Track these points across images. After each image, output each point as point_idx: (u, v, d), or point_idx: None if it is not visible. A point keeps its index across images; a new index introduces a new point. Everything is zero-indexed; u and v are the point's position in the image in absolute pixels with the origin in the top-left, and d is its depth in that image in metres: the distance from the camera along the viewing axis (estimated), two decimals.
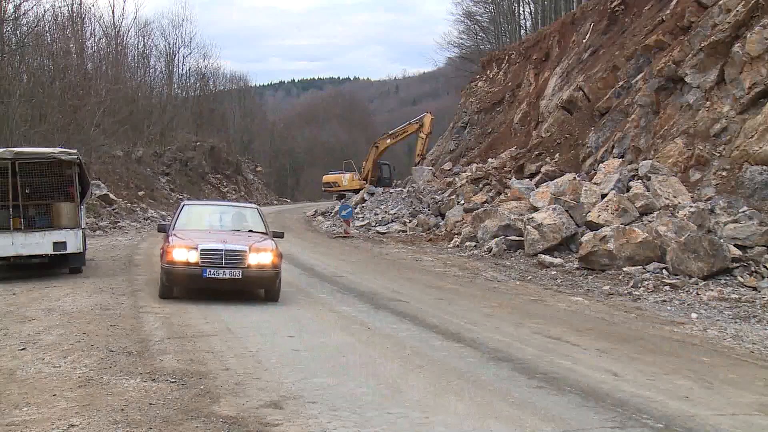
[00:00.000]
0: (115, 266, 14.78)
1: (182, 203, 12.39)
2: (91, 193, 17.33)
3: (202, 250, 9.84)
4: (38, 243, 12.60)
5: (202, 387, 5.94)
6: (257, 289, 10.57)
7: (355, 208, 30.04)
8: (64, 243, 12.72)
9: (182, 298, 10.56)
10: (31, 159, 12.95)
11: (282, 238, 11.78)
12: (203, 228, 11.14)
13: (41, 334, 8.04)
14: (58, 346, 7.42)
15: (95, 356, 6.95)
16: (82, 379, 6.18)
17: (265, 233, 11.28)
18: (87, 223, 19.59)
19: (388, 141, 38.64)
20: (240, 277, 9.84)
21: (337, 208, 30.55)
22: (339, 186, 42.33)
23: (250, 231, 11.25)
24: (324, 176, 46.04)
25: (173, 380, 6.14)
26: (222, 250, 9.87)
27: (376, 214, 28.65)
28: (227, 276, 9.82)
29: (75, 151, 14.06)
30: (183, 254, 9.87)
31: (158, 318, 9.01)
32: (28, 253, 12.61)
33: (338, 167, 46.70)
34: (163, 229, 11.28)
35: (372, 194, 32.87)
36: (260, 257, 10.01)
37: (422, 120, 37.68)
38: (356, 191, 37.13)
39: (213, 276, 9.81)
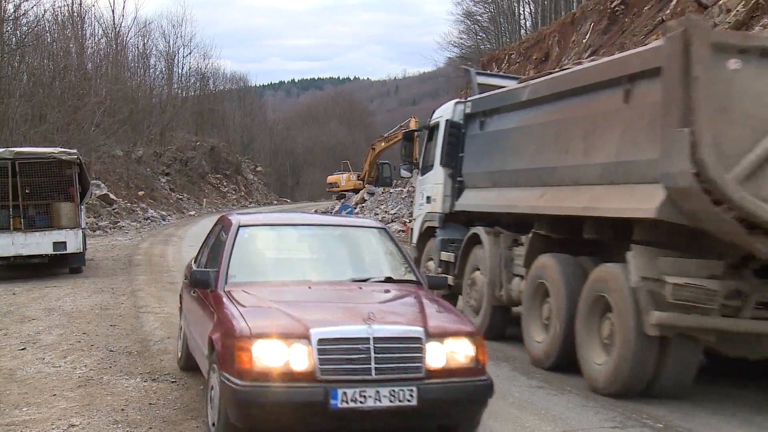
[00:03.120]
0: (115, 266, 14.78)
1: (233, 224, 5.67)
2: (91, 193, 17.32)
3: (320, 340, 4.24)
4: (38, 243, 12.60)
5: (202, 387, 5.93)
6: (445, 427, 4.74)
7: (355, 208, 30.06)
8: (64, 243, 12.73)
9: None
10: (31, 159, 12.96)
11: (446, 288, 7.79)
12: (292, 278, 5.35)
13: (41, 334, 8.04)
14: (58, 346, 7.42)
15: (95, 356, 6.95)
16: (82, 379, 6.18)
17: (418, 282, 5.48)
18: (87, 223, 19.60)
19: (383, 144, 38.85)
20: (414, 403, 4.24)
21: (337, 208, 30.57)
22: (339, 186, 42.62)
23: (387, 279, 5.46)
24: (328, 177, 46.62)
25: (173, 380, 6.14)
26: (368, 340, 4.28)
27: (376, 214, 28.67)
28: (386, 404, 4.21)
29: (75, 151, 14.08)
30: (278, 354, 4.20)
31: (158, 318, 9.01)
32: (28, 253, 12.62)
33: (338, 167, 47.25)
34: (202, 281, 5.20)
35: (372, 194, 32.88)
36: (451, 349, 4.46)
37: (407, 125, 37.96)
38: (355, 191, 37.24)
39: (354, 406, 4.17)
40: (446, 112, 9.50)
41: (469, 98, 9.42)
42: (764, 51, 5.15)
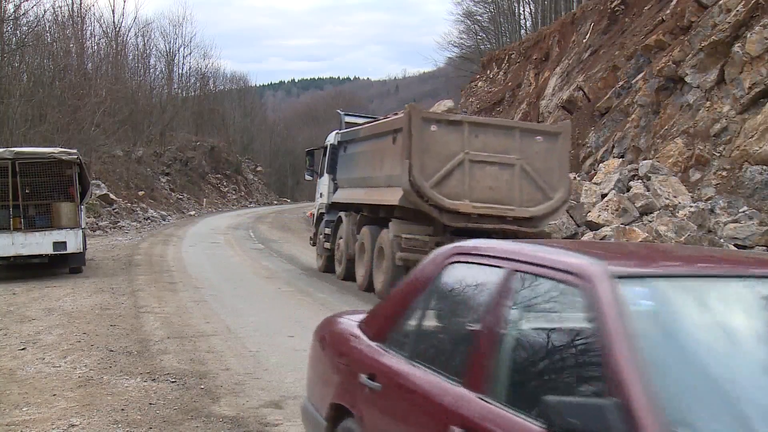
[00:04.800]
0: (115, 266, 14.78)
1: (596, 277, 2.29)
2: (91, 193, 17.30)
3: None
4: (38, 243, 12.60)
5: (202, 387, 5.93)
6: None
7: None
8: (64, 243, 12.72)
9: (182, 298, 10.57)
10: (31, 159, 12.96)
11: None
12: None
13: (41, 334, 8.04)
14: (58, 346, 7.42)
15: (95, 356, 6.95)
16: (82, 379, 6.18)
17: None
18: (87, 223, 19.60)
19: None
20: None
21: None
22: None
23: None
24: None
25: (173, 380, 6.13)
26: None
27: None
28: None
29: (75, 151, 14.07)
30: None
31: (158, 318, 9.01)
32: (28, 253, 12.62)
33: None
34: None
35: None
36: None
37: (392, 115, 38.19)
38: None
39: None
40: (330, 138, 14.81)
41: (339, 131, 14.30)
42: (447, 121, 10.40)
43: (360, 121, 14.27)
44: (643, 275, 2.46)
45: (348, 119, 14.70)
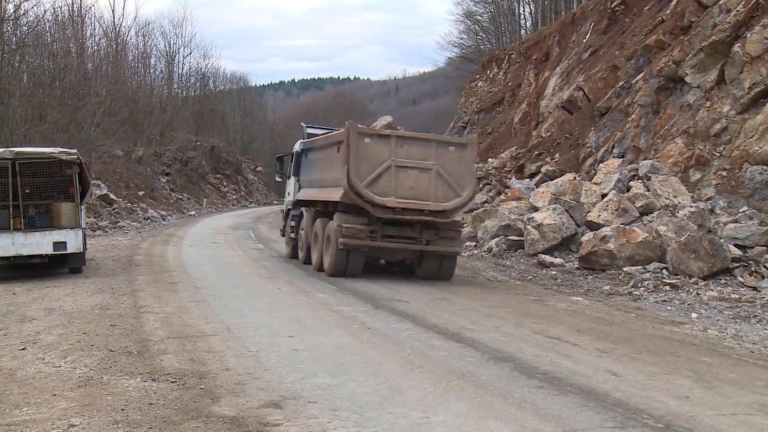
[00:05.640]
0: (115, 266, 14.78)
1: None
2: (91, 193, 17.31)
3: None
4: (38, 243, 12.60)
5: (202, 387, 5.93)
6: None
7: None
8: (64, 243, 12.72)
9: (182, 298, 10.57)
10: (31, 159, 12.95)
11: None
12: None
13: (41, 334, 8.04)
14: (58, 346, 7.42)
15: (95, 356, 6.95)
16: (82, 379, 6.18)
17: None
18: (87, 223, 19.60)
19: None
20: None
21: None
22: None
23: None
24: None
25: (173, 380, 6.13)
26: None
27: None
28: None
29: (75, 151, 14.07)
30: None
31: (158, 318, 9.01)
32: (28, 253, 12.61)
33: None
34: None
35: None
36: None
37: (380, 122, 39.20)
38: None
39: None
40: (296, 146, 17.60)
41: (303, 140, 17.11)
42: (378, 135, 13.28)
43: (319, 132, 17.03)
44: None
45: (309, 130, 17.53)
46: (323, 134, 16.06)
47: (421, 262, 13.59)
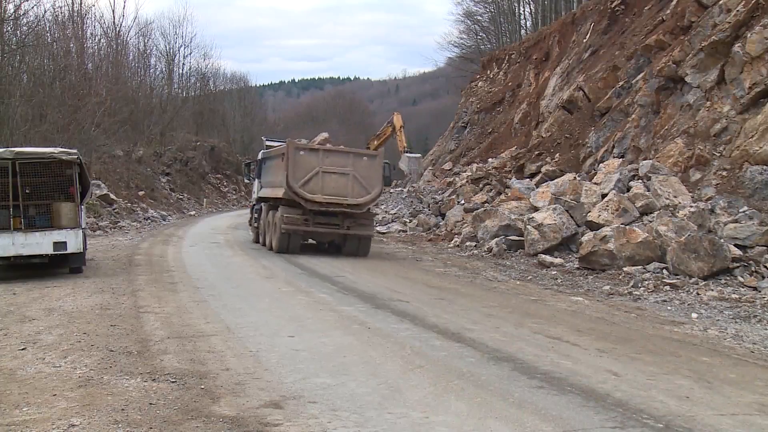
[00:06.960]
0: (115, 266, 14.78)
1: None
2: (91, 193, 17.33)
3: None
4: (38, 243, 12.59)
5: (202, 387, 5.94)
6: None
7: None
8: (65, 243, 12.71)
9: (182, 298, 10.57)
10: (31, 159, 12.93)
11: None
12: None
13: (41, 334, 8.04)
14: (58, 346, 7.42)
15: (95, 356, 6.95)
16: (82, 379, 6.18)
17: None
18: (87, 223, 19.59)
19: (376, 142, 39.19)
20: None
21: None
22: None
23: None
24: None
25: (173, 380, 6.13)
26: None
27: (376, 214, 28.64)
28: None
29: (75, 150, 14.05)
30: None
31: (158, 318, 9.01)
32: (29, 253, 12.60)
33: None
34: None
35: None
36: None
37: (392, 120, 39.24)
38: None
39: None
40: (260, 155, 21.84)
41: (264, 150, 21.65)
42: (310, 149, 17.81)
43: (274, 144, 21.74)
44: None
45: (268, 143, 22.64)
46: (276, 146, 20.46)
47: (345, 243, 18.01)
